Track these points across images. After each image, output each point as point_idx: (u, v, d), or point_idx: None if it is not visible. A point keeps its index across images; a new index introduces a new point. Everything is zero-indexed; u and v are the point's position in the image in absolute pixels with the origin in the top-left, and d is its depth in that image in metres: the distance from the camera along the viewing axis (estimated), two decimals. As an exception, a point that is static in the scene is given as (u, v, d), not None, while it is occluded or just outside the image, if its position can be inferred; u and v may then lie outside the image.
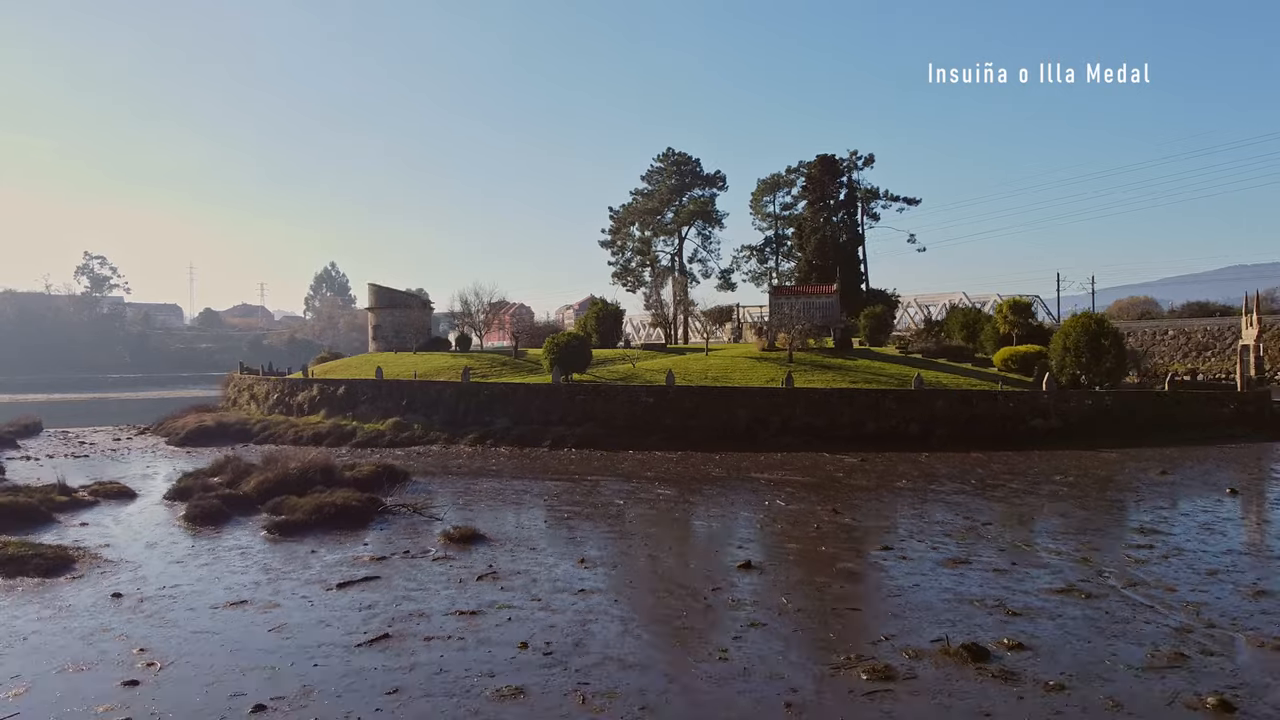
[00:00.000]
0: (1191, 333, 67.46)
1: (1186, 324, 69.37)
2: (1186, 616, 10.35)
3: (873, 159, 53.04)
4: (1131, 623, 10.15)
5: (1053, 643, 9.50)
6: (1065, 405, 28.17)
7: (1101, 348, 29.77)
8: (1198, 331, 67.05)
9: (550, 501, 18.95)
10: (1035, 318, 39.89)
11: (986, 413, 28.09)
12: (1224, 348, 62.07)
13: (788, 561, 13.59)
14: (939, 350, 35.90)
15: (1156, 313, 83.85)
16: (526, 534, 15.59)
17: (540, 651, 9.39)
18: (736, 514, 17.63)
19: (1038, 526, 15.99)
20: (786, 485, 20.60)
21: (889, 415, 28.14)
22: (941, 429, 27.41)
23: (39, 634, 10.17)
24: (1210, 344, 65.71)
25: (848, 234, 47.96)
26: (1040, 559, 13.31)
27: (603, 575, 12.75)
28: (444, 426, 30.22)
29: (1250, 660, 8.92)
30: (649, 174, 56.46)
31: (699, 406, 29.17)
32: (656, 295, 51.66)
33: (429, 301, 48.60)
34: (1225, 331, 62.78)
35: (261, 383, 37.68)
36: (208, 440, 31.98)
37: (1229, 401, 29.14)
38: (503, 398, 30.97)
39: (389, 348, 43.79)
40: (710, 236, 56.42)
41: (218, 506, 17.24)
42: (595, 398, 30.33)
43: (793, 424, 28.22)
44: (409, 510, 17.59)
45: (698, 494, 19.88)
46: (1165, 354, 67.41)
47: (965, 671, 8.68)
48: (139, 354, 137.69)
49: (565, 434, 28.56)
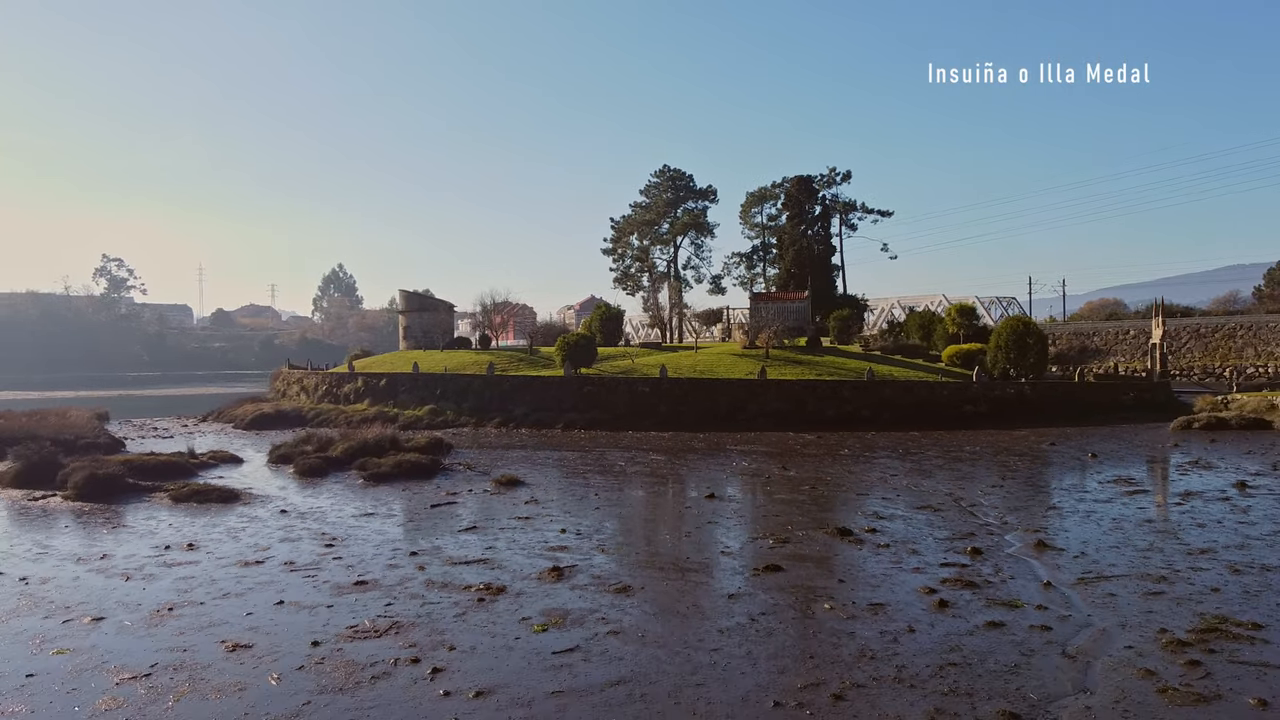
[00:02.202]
0: (1149, 333, 72.95)
1: (1145, 324, 74.88)
2: (988, 520, 15.96)
3: (850, 175, 58.82)
4: (953, 523, 15.75)
5: (895, 530, 15.10)
6: (992, 393, 33.81)
7: (1027, 345, 35.40)
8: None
9: (567, 464, 24.54)
10: (979, 320, 45.46)
11: (926, 399, 33.73)
12: (1180, 346, 67.69)
13: (741, 493, 19.21)
14: (896, 348, 41.53)
15: (1122, 313, 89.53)
16: (553, 481, 21.18)
17: (573, 534, 14.97)
18: (710, 470, 23.22)
19: (931, 476, 21.57)
20: (753, 454, 26.21)
21: (846, 402, 33.77)
22: (888, 413, 33.05)
23: (248, 530, 15.73)
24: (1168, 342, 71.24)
25: (822, 245, 53.70)
26: (919, 493, 18.91)
27: (610, 501, 18.35)
28: (472, 412, 35.83)
29: (1011, 540, 14.50)
30: (647, 188, 62.10)
31: (688, 395, 34.79)
32: (654, 299, 57.41)
33: (452, 305, 54.28)
34: (1180, 331, 68.42)
35: (310, 376, 43.32)
36: (269, 425, 37.53)
37: (1130, 390, 34.81)
38: (522, 388, 36.58)
39: (418, 346, 49.39)
40: (702, 245, 62.19)
41: (319, 464, 22.87)
42: (600, 388, 35.93)
43: (766, 409, 33.84)
44: (463, 467, 23.23)
45: (682, 459, 25.48)
46: (1126, 351, 72.72)
47: (836, 541, 14.26)
48: (156, 353, 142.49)
49: (576, 418, 34.17)
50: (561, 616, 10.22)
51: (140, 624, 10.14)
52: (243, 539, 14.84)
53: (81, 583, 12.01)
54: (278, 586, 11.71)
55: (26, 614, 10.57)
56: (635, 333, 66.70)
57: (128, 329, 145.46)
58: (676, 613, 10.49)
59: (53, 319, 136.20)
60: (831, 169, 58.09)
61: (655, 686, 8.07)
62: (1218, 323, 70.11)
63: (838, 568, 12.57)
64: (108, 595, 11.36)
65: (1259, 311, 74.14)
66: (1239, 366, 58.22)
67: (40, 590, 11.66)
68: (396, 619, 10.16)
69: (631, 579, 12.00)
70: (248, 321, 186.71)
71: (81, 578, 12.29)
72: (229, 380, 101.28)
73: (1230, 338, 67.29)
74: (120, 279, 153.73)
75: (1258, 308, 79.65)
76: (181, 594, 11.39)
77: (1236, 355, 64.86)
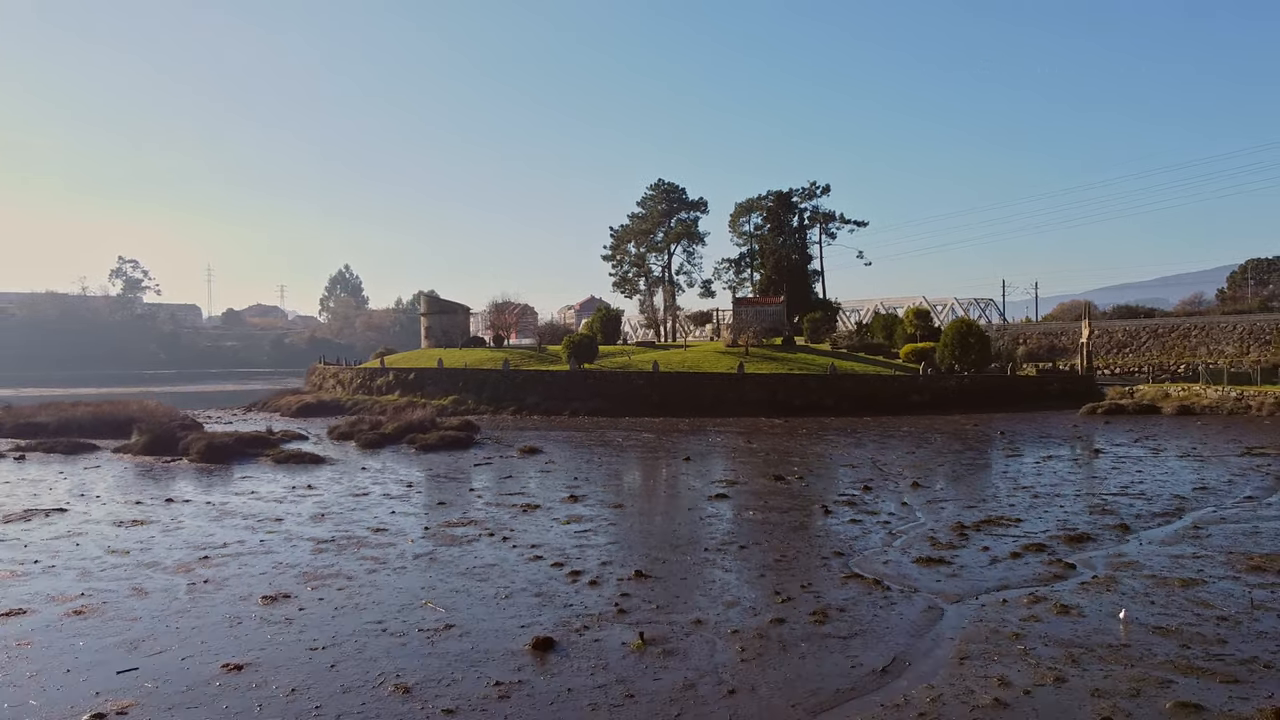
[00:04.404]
0: (1113, 332, 78.37)
1: (1110, 324, 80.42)
2: (890, 473, 21.60)
3: (829, 188, 64.52)
4: (862, 475, 21.36)
5: (817, 477, 20.75)
6: (935, 384, 39.49)
7: (969, 344, 41.06)
8: (1118, 331, 77.91)
9: (575, 440, 30.20)
10: (933, 321, 51.16)
11: (880, 390, 39.40)
12: (1139, 345, 73.23)
13: (711, 457, 24.88)
14: (861, 346, 47.21)
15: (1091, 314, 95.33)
16: (564, 451, 26.83)
17: (583, 480, 20.61)
18: (690, 444, 28.86)
19: (863, 447, 27.20)
20: (728, 433, 31.88)
21: (811, 392, 39.42)
22: (847, 402, 38.72)
23: (344, 479, 21.32)
24: (1128, 341, 76.62)
25: (799, 254, 59.47)
26: (848, 458, 24.55)
27: (609, 463, 24.01)
28: (490, 402, 41.48)
29: (896, 483, 20.13)
30: (643, 200, 67.79)
31: (676, 386, 40.44)
32: (650, 302, 63.14)
33: (469, 308, 60.00)
34: (1140, 331, 74.00)
35: (345, 370, 49.01)
36: (313, 413, 43.12)
37: (1055, 381, 40.50)
38: (533, 380, 42.24)
39: (438, 344, 55.03)
40: (694, 252, 67.86)
41: (376, 438, 28.53)
42: (601, 380, 41.58)
43: (743, 399, 39.49)
44: (492, 441, 28.91)
45: (669, 437, 31.13)
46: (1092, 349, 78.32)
47: (771, 483, 19.89)
48: (171, 351, 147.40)
49: (580, 406, 39.83)
50: (578, 518, 15.88)
51: (307, 522, 15.78)
52: (344, 483, 20.51)
53: (251, 506, 17.64)
54: (386, 506, 17.38)
55: (229, 520, 16.18)
56: (633, 332, 72.53)
57: (144, 328, 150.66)
58: (652, 516, 16.17)
59: (72, 318, 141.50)
60: (812, 183, 63.92)
61: (636, 541, 13.75)
62: (1174, 323, 75.46)
63: (766, 496, 18.24)
64: (275, 511, 16.99)
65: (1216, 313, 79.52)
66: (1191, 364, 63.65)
67: (228, 509, 17.28)
68: (473, 519, 15.83)
69: (623, 502, 17.69)
70: (257, 321, 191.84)
71: (249, 503, 17.93)
72: (242, 378, 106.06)
73: (1185, 337, 72.62)
74: (135, 280, 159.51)
75: (1217, 309, 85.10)
76: (324, 509, 17.05)
77: (1191, 353, 70.28)
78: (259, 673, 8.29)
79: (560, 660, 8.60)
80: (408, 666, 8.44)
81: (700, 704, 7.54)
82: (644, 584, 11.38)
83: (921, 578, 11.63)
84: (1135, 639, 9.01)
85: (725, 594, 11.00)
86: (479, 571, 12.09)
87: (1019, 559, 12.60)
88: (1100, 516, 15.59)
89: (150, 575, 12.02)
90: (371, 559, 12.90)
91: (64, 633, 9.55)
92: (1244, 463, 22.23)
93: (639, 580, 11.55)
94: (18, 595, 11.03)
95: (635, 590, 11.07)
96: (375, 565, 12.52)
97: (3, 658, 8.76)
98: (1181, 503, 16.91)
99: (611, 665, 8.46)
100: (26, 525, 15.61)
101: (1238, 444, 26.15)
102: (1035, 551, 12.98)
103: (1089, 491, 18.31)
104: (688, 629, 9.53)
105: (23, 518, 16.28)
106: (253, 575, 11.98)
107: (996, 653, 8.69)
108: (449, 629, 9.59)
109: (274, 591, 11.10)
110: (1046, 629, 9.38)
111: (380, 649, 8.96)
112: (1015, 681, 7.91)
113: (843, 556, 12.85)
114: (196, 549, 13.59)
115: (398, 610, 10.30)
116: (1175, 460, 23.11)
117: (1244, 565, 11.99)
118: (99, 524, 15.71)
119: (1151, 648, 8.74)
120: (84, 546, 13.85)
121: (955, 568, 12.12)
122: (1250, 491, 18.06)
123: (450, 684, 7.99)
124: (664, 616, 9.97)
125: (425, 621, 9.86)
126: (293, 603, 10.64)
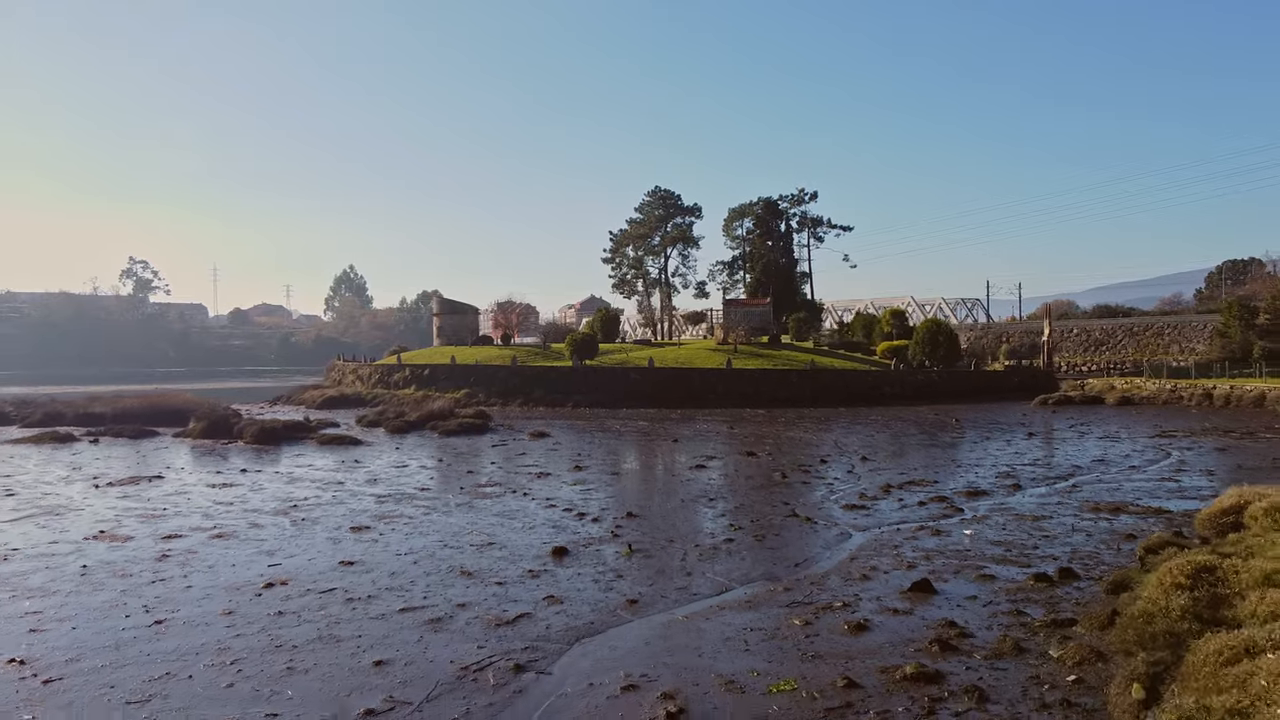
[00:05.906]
0: (1091, 330, 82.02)
1: (1089, 324, 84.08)
2: (847, 451, 25.37)
3: (816, 195, 68.45)
4: (822, 452, 25.13)
5: (783, 453, 24.53)
6: (906, 379, 43.30)
7: (939, 341, 44.87)
8: (1095, 330, 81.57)
9: (577, 428, 33.99)
10: (908, 320, 55.03)
11: (855, 384, 43.22)
12: (1115, 343, 76.92)
13: (696, 440, 28.68)
14: (842, 344, 51.05)
15: (1071, 314, 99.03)
16: (569, 436, 30.62)
17: (586, 456, 24.39)
18: (679, 430, 32.66)
19: (830, 432, 30.98)
20: (714, 421, 35.69)
21: (793, 386, 43.23)
22: (825, 394, 42.53)
23: (383, 456, 25.09)
24: (1105, 340, 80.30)
25: (785, 258, 63.41)
26: (816, 440, 28.33)
27: (608, 444, 27.80)
28: (499, 395, 45.27)
29: (849, 458, 23.91)
30: (640, 206, 71.69)
31: (670, 380, 44.24)
32: (647, 302, 67.05)
33: (478, 309, 63.93)
34: (1117, 330, 77.69)
35: (363, 367, 52.86)
36: (337, 405, 46.93)
37: (1014, 376, 44.32)
38: (539, 375, 46.04)
39: (449, 342, 58.85)
40: (689, 255, 71.78)
41: (402, 425, 32.33)
42: (601, 375, 45.37)
43: (730, 391, 43.29)
44: (504, 428, 32.73)
45: (661, 425, 34.93)
46: (1071, 348, 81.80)
47: (743, 457, 23.67)
48: (181, 350, 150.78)
49: (581, 398, 43.63)
50: (582, 482, 19.67)
51: (364, 484, 19.57)
52: (383, 459, 24.31)
53: (313, 474, 21.41)
54: (425, 474, 21.18)
55: (301, 484, 19.94)
56: (632, 331, 76.46)
57: (154, 327, 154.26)
58: (642, 480, 19.98)
59: (85, 318, 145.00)
60: (800, 189, 67.86)
61: (628, 495, 17.57)
62: (1149, 322, 79.00)
63: (739, 465, 22.04)
64: (334, 477, 20.77)
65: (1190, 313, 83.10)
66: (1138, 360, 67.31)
67: (296, 476, 21.04)
68: (497, 482, 19.63)
69: (621, 471, 21.49)
70: (263, 320, 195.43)
71: (310, 472, 21.70)
72: (251, 376, 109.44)
73: (1159, 335, 76.23)
74: (146, 280, 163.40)
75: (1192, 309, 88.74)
76: (373, 476, 20.84)
77: (1164, 351, 73.97)
78: (365, 566, 12.06)
79: (572, 560, 12.37)
80: (467, 563, 12.21)
81: (667, 579, 11.32)
82: (633, 521, 15.18)
83: (843, 517, 15.42)
84: (975, 547, 12.80)
85: (694, 526, 14.80)
86: (508, 514, 15.89)
87: (923, 506, 16.38)
88: (1003, 480, 19.37)
89: (258, 517, 15.80)
90: (424, 506, 16.70)
91: (216, 548, 13.32)
92: (1151, 443, 26.03)
93: (630, 519, 15.34)
94: (169, 527, 14.82)
95: (627, 524, 14.86)
96: (428, 509, 16.32)
97: (185, 558, 12.54)
98: (1076, 471, 20.70)
99: (608, 563, 12.23)
100: (138, 488, 19.39)
101: (1156, 428, 29.96)
102: (938, 502, 16.76)
103: (1005, 463, 22.10)
104: (664, 544, 13.31)
105: (132, 481, 20.08)
106: (337, 516, 15.77)
107: (875, 555, 12.47)
108: (491, 544, 13.37)
109: (357, 524, 14.90)
110: (918, 543, 13.16)
111: (445, 555, 12.73)
112: (880, 568, 11.70)
113: (788, 505, 16.63)
114: (284, 501, 17.38)
115: (452, 535, 14.09)
116: (1094, 441, 26.92)
117: (1088, 508, 15.78)
118: (196, 486, 19.50)
119: (984, 551, 12.53)
120: (194, 500, 17.64)
121: (871, 511, 15.91)
122: (1137, 463, 21.87)
123: (496, 572, 11.75)
124: (647, 538, 13.75)
125: (475, 540, 13.65)
126: (373, 531, 14.43)
